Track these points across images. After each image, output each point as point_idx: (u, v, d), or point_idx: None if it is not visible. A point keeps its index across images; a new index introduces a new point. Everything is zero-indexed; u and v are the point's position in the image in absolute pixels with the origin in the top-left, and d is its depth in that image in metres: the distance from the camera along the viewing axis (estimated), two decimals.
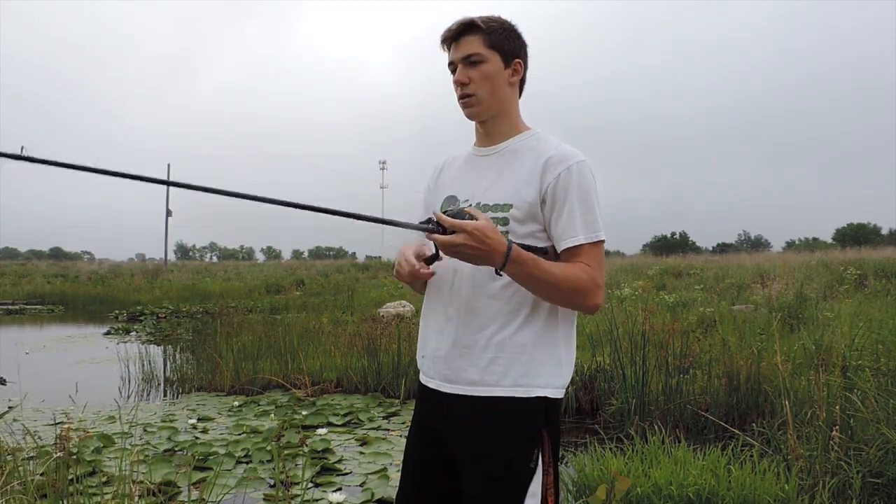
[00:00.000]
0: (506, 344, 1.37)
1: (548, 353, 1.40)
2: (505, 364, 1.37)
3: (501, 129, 1.49)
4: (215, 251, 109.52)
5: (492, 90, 1.45)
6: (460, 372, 1.40)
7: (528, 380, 1.37)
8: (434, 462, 1.48)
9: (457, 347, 1.41)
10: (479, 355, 1.39)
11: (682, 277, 16.65)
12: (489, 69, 1.44)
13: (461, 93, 1.46)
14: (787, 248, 48.24)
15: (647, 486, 2.68)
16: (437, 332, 1.47)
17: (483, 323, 1.39)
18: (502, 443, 1.36)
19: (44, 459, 2.88)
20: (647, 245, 55.89)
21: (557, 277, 1.31)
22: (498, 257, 1.25)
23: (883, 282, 11.81)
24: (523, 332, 1.38)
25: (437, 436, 1.46)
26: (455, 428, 1.42)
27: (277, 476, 3.17)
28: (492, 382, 1.37)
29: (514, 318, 1.38)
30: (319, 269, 29.72)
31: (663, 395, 4.48)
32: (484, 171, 1.48)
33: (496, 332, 1.38)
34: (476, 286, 1.40)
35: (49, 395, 5.63)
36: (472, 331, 1.40)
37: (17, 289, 20.25)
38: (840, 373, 3.79)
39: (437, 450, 1.46)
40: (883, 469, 2.85)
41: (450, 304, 1.44)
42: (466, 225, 1.22)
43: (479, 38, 1.44)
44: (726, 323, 7.06)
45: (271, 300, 14.82)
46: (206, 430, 4.71)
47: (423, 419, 1.52)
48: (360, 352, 6.42)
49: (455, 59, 1.46)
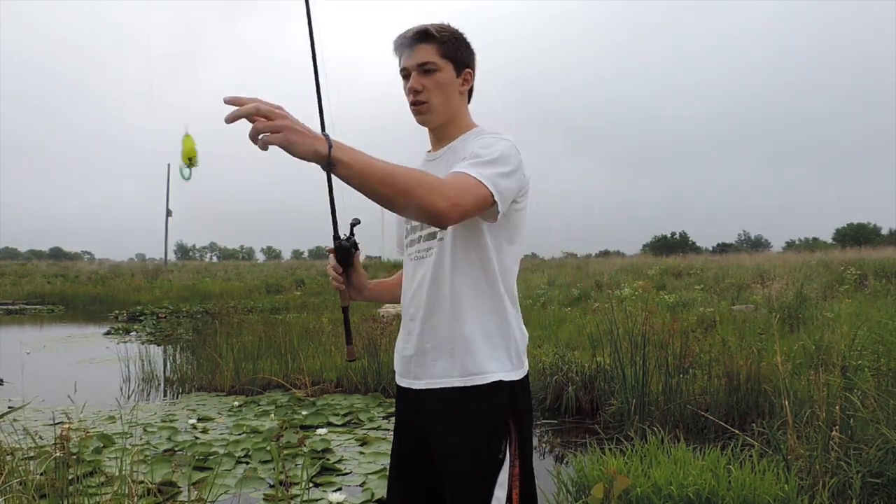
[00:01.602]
0: (457, 335, 1.44)
1: (497, 336, 1.46)
2: (460, 354, 1.44)
3: (451, 134, 1.55)
4: (215, 251, 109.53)
5: (444, 98, 1.50)
6: (426, 368, 1.48)
7: (482, 366, 1.43)
8: (415, 459, 1.53)
9: (421, 345, 1.49)
10: (439, 349, 1.46)
11: (682, 277, 16.64)
12: (442, 78, 1.48)
13: (414, 99, 1.49)
14: (787, 248, 48.25)
15: (646, 486, 2.68)
16: (406, 333, 1.55)
17: (439, 318, 1.46)
18: (471, 434, 1.42)
19: (43, 459, 2.88)
20: (647, 245, 55.90)
21: (395, 168, 1.18)
22: (320, 143, 1.11)
23: (883, 282, 11.80)
24: (470, 322, 1.44)
25: (419, 433, 1.51)
26: (430, 423, 1.48)
27: (277, 476, 3.17)
28: (452, 374, 1.44)
29: (461, 309, 1.44)
30: (319, 269, 29.69)
31: (663, 395, 4.48)
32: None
33: (449, 326, 1.45)
34: (434, 287, 1.47)
35: (49, 395, 5.63)
36: (431, 327, 1.47)
37: (17, 289, 20.26)
38: (840, 373, 3.79)
39: (417, 446, 1.51)
40: (883, 469, 2.85)
41: (410, 305, 1.54)
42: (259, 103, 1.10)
43: (433, 47, 1.47)
44: (726, 323, 7.06)
45: (271, 300, 14.82)
46: (206, 430, 4.71)
47: (403, 417, 1.59)
48: (360, 352, 6.42)
49: (409, 66, 1.49)
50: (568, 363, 5.30)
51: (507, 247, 1.48)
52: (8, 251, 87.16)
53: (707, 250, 51.42)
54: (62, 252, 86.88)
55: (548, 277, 17.79)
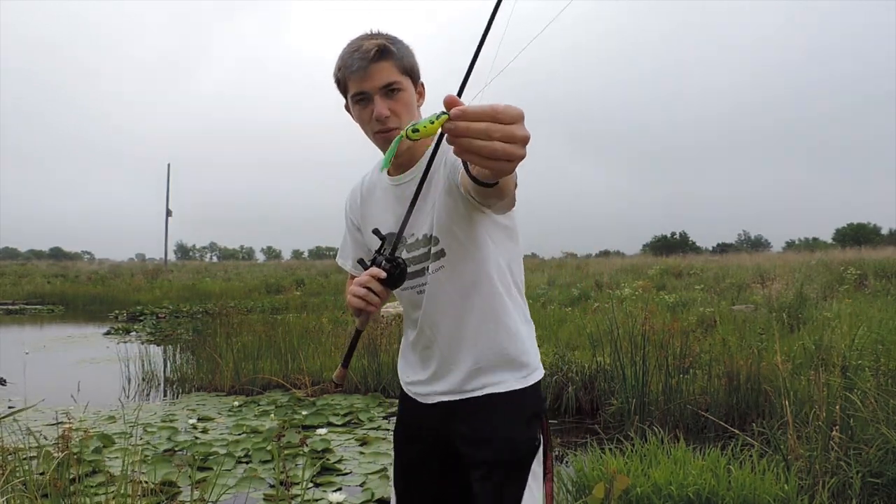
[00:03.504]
0: (486, 351, 1.39)
1: (527, 339, 1.44)
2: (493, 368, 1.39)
3: (417, 153, 1.41)
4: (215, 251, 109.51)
5: (411, 119, 1.33)
6: (451, 386, 1.42)
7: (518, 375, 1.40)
8: (426, 460, 1.48)
9: (443, 368, 1.43)
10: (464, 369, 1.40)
11: (683, 277, 16.64)
12: (408, 98, 1.35)
13: (385, 127, 1.33)
14: (787, 248, 48.23)
15: (646, 486, 2.68)
16: (420, 360, 1.48)
17: (461, 338, 1.40)
18: (505, 423, 1.38)
19: (45, 459, 2.89)
20: (647, 245, 55.92)
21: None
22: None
23: (883, 282, 11.80)
24: (498, 334, 1.40)
25: (432, 433, 1.46)
26: (451, 420, 1.42)
27: (277, 476, 3.17)
28: (483, 386, 1.40)
29: (483, 325, 1.39)
30: (319, 269, 29.69)
31: (663, 395, 4.48)
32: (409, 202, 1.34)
33: (476, 343, 1.39)
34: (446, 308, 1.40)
35: (49, 395, 5.63)
36: (455, 350, 1.41)
37: (17, 289, 20.25)
38: (840, 373, 3.79)
39: (429, 446, 1.47)
40: (883, 469, 2.85)
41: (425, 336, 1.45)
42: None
43: (392, 63, 1.32)
44: (726, 323, 7.06)
45: (271, 300, 14.82)
46: (206, 430, 4.71)
47: (411, 420, 1.53)
48: (360, 352, 6.41)
49: (370, 88, 1.32)
50: (568, 363, 5.30)
51: (513, 246, 1.44)
52: (8, 251, 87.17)
53: (707, 250, 51.45)
54: (62, 252, 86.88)
55: (548, 277, 17.79)
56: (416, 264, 1.41)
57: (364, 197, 1.54)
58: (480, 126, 0.77)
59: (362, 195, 1.54)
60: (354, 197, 1.57)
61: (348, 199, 1.60)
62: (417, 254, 1.41)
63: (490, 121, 0.77)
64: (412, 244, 1.42)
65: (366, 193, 1.53)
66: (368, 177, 1.55)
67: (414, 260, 1.41)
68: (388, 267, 1.27)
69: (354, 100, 1.35)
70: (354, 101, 1.36)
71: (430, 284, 1.40)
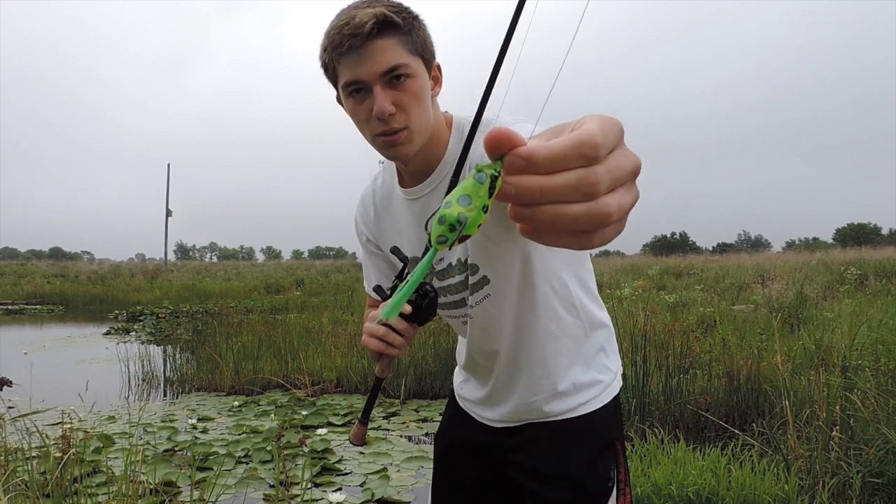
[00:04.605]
0: (548, 378, 1.20)
1: (591, 351, 1.24)
2: (554, 395, 1.21)
3: (435, 155, 1.11)
4: (215, 251, 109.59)
5: (423, 115, 1.03)
6: (509, 414, 1.24)
7: (593, 391, 1.22)
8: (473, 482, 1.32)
9: (499, 396, 1.25)
10: (526, 397, 1.21)
11: (683, 277, 16.64)
12: (418, 86, 1.01)
13: (388, 128, 1.01)
14: (787, 248, 48.27)
15: (646, 486, 2.68)
16: (475, 379, 1.31)
17: (519, 367, 1.20)
18: (574, 458, 1.19)
19: (47, 459, 2.89)
20: (648, 245, 55.96)
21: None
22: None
23: (883, 282, 11.80)
24: (557, 357, 1.19)
25: (485, 454, 1.29)
26: (509, 447, 1.25)
27: (277, 476, 3.17)
28: (561, 411, 1.21)
29: (543, 351, 1.19)
30: (319, 269, 29.71)
31: (663, 395, 4.47)
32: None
33: (532, 374, 1.20)
34: (500, 340, 1.20)
35: (49, 395, 5.63)
36: (513, 380, 1.21)
37: (17, 289, 20.24)
38: (840, 373, 3.79)
39: (479, 468, 1.31)
40: (883, 469, 2.85)
41: (478, 359, 1.26)
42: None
43: (397, 40, 0.98)
44: (726, 323, 7.06)
45: (271, 300, 14.81)
46: (206, 430, 4.71)
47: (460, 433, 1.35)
48: (361, 352, 6.42)
49: (368, 75, 0.98)
50: None
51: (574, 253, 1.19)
52: (8, 251, 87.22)
53: (707, 250, 51.51)
54: (62, 252, 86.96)
55: None
56: (453, 294, 1.21)
57: (378, 210, 1.26)
58: (568, 179, 0.40)
59: (376, 208, 1.27)
60: (367, 209, 1.29)
61: (359, 211, 1.31)
62: (453, 282, 1.19)
63: (583, 163, 0.40)
64: (443, 271, 1.19)
65: (380, 205, 1.26)
66: (381, 183, 1.26)
67: (450, 290, 1.20)
68: (415, 297, 1.05)
69: (347, 91, 1.02)
70: (347, 92, 1.02)
71: (476, 317, 1.19)
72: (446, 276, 1.19)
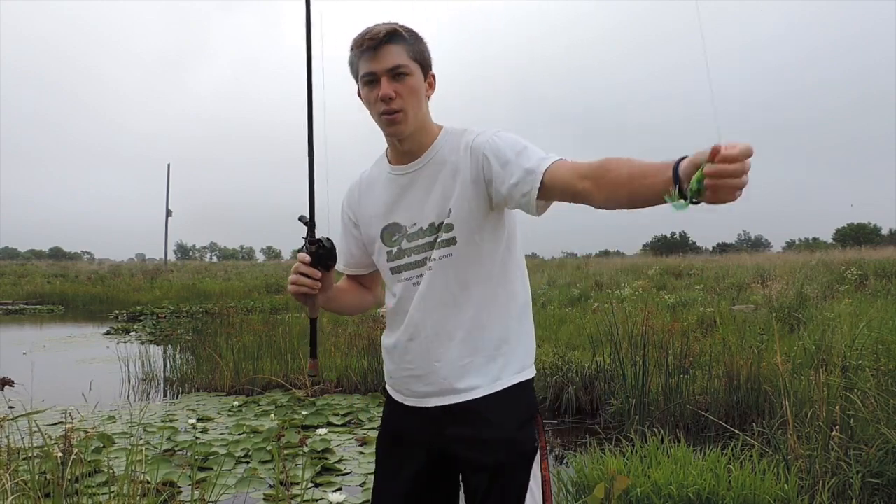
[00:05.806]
0: (479, 345, 1.38)
1: (515, 339, 1.42)
2: (483, 363, 1.38)
3: (423, 144, 1.41)
4: (215, 251, 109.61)
5: (417, 105, 1.37)
6: (443, 386, 1.39)
7: (509, 370, 1.40)
8: (413, 466, 1.44)
9: (429, 362, 1.40)
10: (456, 364, 1.38)
11: (682, 277, 16.65)
12: (415, 83, 1.36)
13: (388, 108, 1.34)
14: (787, 248, 48.26)
15: (646, 486, 2.68)
16: (404, 354, 1.44)
17: (453, 330, 1.38)
18: (503, 424, 1.36)
19: (47, 459, 2.88)
20: (647, 245, 55.99)
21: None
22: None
23: (883, 282, 11.80)
24: (490, 328, 1.39)
25: (422, 438, 1.43)
26: (447, 424, 1.39)
27: (277, 476, 3.18)
28: (477, 386, 1.38)
29: (479, 318, 1.38)
30: None
31: (663, 395, 4.48)
32: (415, 191, 1.41)
33: (469, 336, 1.38)
34: (444, 298, 1.38)
35: (49, 395, 5.63)
36: (444, 342, 1.38)
37: (17, 289, 20.24)
38: (840, 373, 3.79)
39: (417, 452, 1.44)
40: (883, 469, 2.85)
41: (416, 317, 1.41)
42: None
43: (402, 48, 1.34)
44: (726, 323, 7.06)
45: (271, 300, 14.82)
46: (206, 430, 4.72)
47: (397, 424, 1.50)
48: (361, 352, 6.42)
49: (378, 70, 1.33)
50: (568, 363, 5.30)
51: (516, 243, 1.44)
52: (8, 251, 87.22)
53: (707, 250, 51.50)
54: (62, 252, 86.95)
55: (548, 277, 17.81)
56: (417, 254, 1.40)
57: (363, 191, 1.53)
58: (736, 167, 0.91)
59: (360, 190, 1.54)
60: (352, 193, 1.56)
61: (346, 195, 1.59)
62: (420, 243, 1.40)
63: (743, 160, 0.92)
64: (413, 234, 1.40)
65: (364, 188, 1.53)
66: (367, 172, 1.54)
67: (416, 249, 1.40)
68: (315, 248, 1.37)
69: (363, 81, 1.36)
70: (363, 82, 1.36)
71: (432, 272, 1.38)
72: (415, 237, 1.41)
